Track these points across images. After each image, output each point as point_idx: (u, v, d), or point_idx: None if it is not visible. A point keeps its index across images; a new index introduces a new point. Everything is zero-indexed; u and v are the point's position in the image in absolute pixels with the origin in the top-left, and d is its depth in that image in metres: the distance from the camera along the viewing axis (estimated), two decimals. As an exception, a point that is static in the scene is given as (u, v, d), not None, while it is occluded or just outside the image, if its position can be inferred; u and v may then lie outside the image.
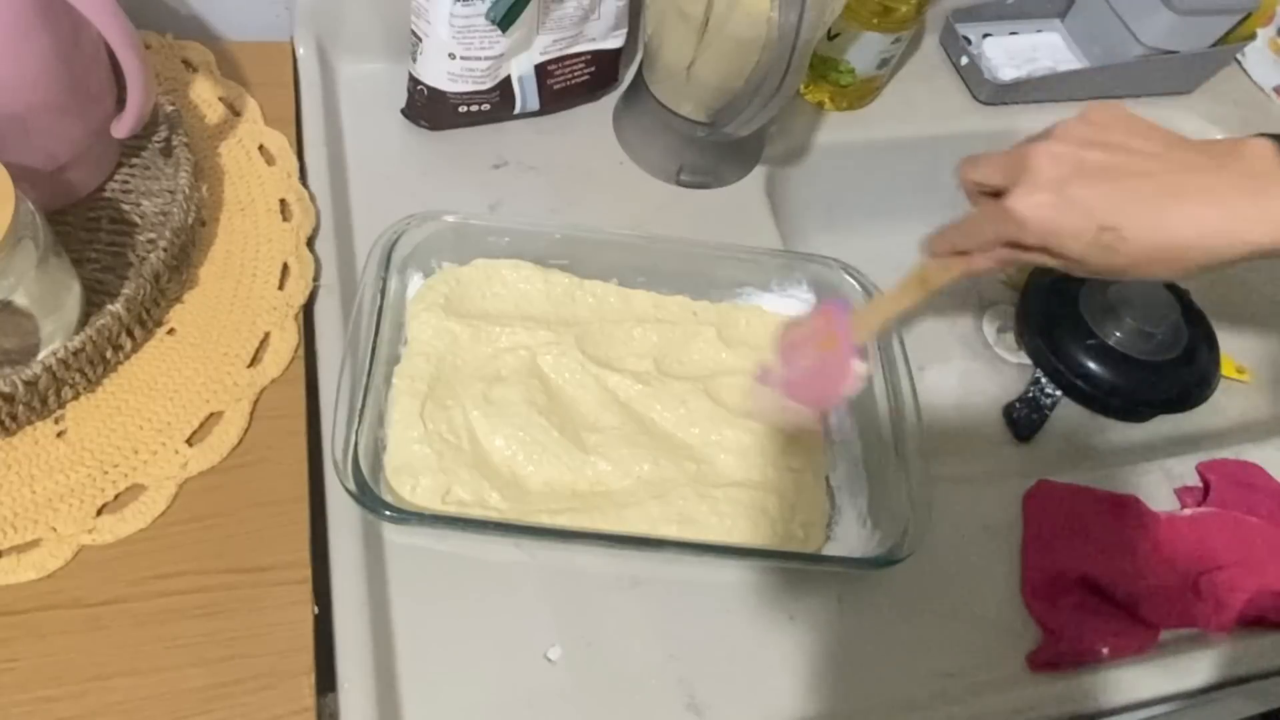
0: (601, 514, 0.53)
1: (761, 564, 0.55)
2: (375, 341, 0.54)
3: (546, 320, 0.60)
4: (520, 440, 0.55)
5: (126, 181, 0.60)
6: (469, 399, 0.56)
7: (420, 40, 0.65)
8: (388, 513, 0.49)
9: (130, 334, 0.54)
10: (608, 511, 0.53)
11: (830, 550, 0.56)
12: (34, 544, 0.49)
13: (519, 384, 0.57)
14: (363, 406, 0.52)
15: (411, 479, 0.52)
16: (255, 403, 0.55)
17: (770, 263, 0.65)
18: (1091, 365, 0.71)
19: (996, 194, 0.40)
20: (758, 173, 0.74)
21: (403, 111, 0.70)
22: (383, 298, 0.56)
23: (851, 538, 0.56)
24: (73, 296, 0.53)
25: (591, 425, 0.56)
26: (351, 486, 0.49)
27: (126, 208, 0.59)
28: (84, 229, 0.58)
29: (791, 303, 0.65)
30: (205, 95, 0.67)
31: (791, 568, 0.55)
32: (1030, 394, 0.73)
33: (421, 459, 0.53)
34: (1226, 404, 0.76)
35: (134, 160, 0.61)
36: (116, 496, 0.51)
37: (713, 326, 0.63)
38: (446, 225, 0.60)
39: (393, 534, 0.53)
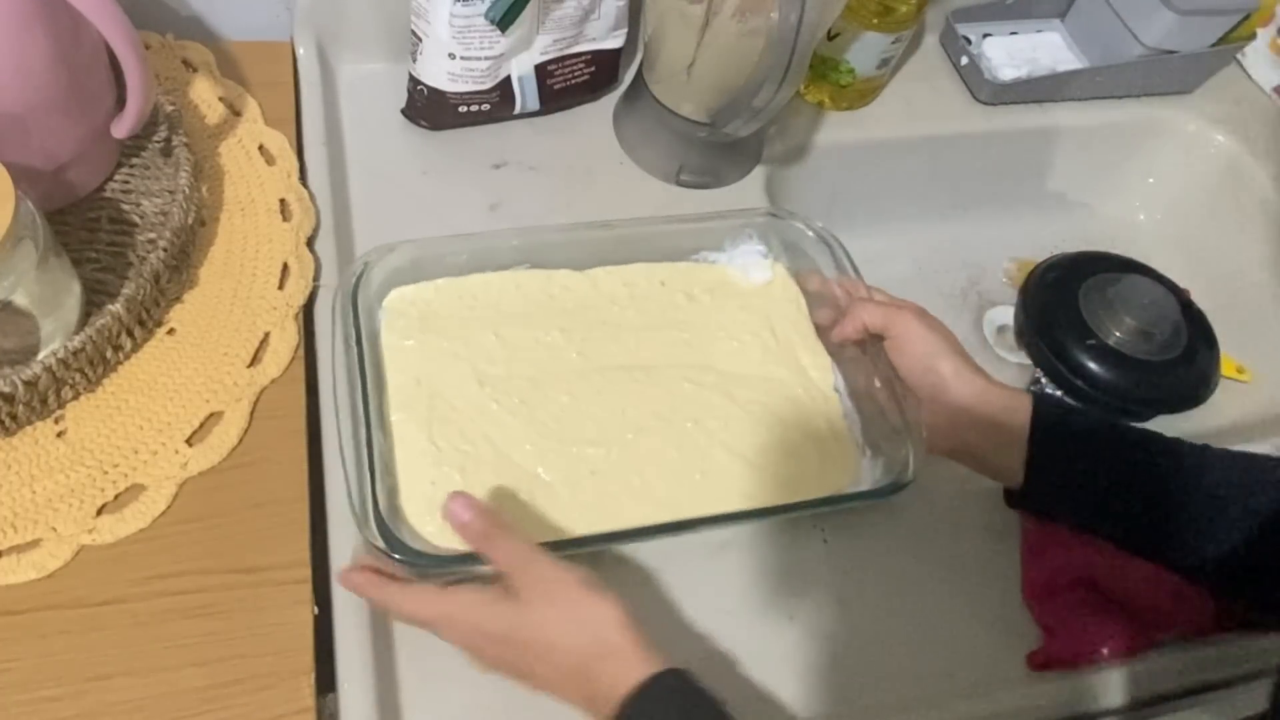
0: (603, 511, 0.53)
1: (766, 524, 0.56)
2: (365, 390, 0.52)
3: (526, 320, 0.60)
4: (518, 441, 0.55)
5: (126, 181, 0.60)
6: (466, 408, 0.56)
7: (420, 40, 0.65)
8: (423, 561, 0.48)
9: (130, 334, 0.54)
10: (608, 509, 0.53)
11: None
12: (34, 544, 0.49)
13: (514, 385, 0.57)
14: (370, 459, 0.50)
15: (433, 516, 0.50)
16: (255, 403, 0.55)
17: (720, 226, 0.65)
18: (1091, 365, 0.71)
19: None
20: (758, 173, 0.74)
21: (403, 111, 0.70)
22: (360, 346, 0.54)
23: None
24: (73, 296, 0.53)
25: (590, 418, 0.56)
26: (380, 544, 0.47)
27: (126, 208, 0.60)
28: (84, 229, 0.58)
29: (747, 257, 0.65)
30: (205, 95, 0.67)
31: (799, 516, 0.56)
32: (1030, 394, 0.73)
33: (444, 487, 0.51)
34: (1226, 404, 0.76)
35: (134, 160, 0.61)
36: (116, 496, 0.51)
37: (680, 291, 0.63)
38: (403, 256, 0.58)
39: (393, 534, 0.52)
